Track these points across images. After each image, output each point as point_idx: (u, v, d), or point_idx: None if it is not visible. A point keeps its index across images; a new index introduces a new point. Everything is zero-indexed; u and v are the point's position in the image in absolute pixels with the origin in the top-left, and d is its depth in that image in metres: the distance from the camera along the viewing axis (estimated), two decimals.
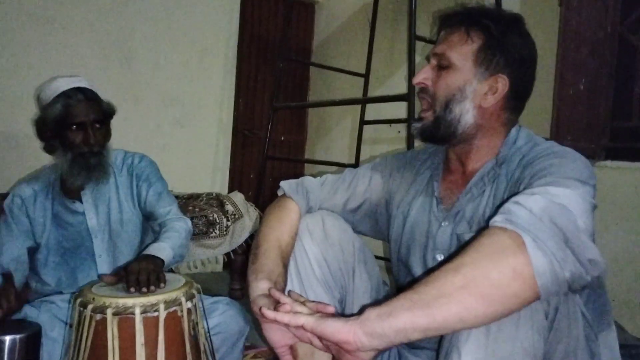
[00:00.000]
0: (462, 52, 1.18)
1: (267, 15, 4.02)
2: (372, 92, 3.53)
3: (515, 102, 1.23)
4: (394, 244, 1.37)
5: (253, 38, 3.92)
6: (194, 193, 2.78)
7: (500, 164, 1.19)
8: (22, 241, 1.71)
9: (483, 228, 0.96)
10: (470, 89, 1.18)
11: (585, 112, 2.70)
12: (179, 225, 1.71)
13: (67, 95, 1.64)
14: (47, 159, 1.79)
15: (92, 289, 1.30)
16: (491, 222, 0.93)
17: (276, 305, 1.06)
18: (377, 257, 1.59)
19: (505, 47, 1.18)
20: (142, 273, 1.33)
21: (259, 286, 1.18)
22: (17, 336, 1.37)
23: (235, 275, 2.57)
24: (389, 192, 1.39)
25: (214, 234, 2.45)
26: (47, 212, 1.74)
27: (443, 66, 1.20)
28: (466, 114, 1.19)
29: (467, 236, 1.18)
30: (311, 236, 1.29)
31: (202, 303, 1.34)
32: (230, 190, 3.50)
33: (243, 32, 3.76)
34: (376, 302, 0.97)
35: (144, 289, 1.28)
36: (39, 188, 1.75)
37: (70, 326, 1.32)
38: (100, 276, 1.48)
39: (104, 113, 1.71)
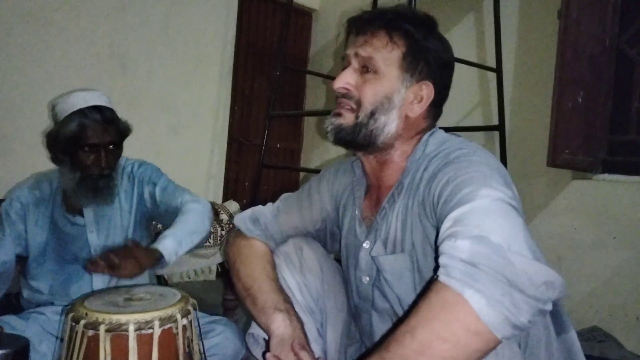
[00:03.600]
0: (388, 58, 1.12)
1: (264, 23, 4.00)
2: None
3: (436, 109, 1.19)
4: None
5: (250, 46, 3.90)
6: None
7: (405, 177, 1.15)
8: (12, 246, 1.67)
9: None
10: (399, 98, 1.13)
11: (583, 126, 2.69)
12: (189, 208, 1.67)
13: (83, 113, 1.59)
14: (42, 166, 1.75)
15: (85, 303, 1.25)
16: (436, 274, 0.89)
17: None
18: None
19: (428, 52, 1.13)
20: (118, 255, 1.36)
21: (275, 321, 1.16)
22: (3, 351, 1.31)
23: (229, 284, 2.52)
24: (335, 201, 1.35)
25: (208, 244, 2.42)
26: (47, 220, 1.70)
27: (367, 71, 1.13)
28: (391, 123, 1.13)
29: (380, 259, 1.15)
30: (287, 267, 1.27)
31: (199, 321, 1.31)
32: (225, 198, 3.47)
33: (240, 40, 3.73)
34: None
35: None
36: (40, 195, 1.71)
37: (61, 340, 1.28)
38: (85, 267, 1.45)
39: (120, 134, 1.66)
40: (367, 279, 1.22)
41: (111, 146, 1.63)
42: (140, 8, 3.11)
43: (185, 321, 1.23)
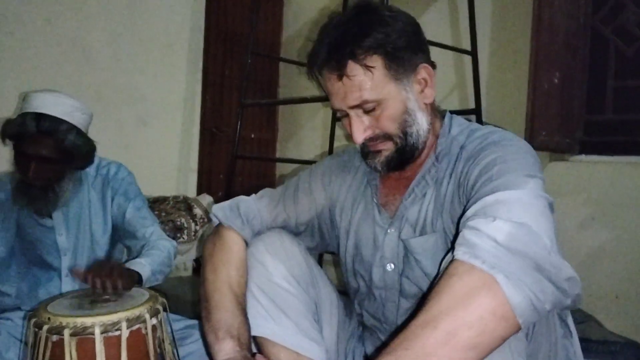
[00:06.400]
0: (376, 84, 1.06)
1: (233, 9, 3.91)
2: None
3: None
4: (342, 256, 1.31)
5: (220, 32, 3.82)
6: (160, 196, 2.68)
7: (441, 159, 1.13)
8: None
9: (451, 251, 0.91)
10: (412, 101, 1.10)
11: (559, 106, 2.69)
12: (162, 245, 1.63)
13: (25, 119, 1.50)
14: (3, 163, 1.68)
15: (48, 307, 1.20)
16: (455, 253, 0.87)
17: None
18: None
19: (401, 43, 1.07)
20: (105, 269, 1.29)
21: (223, 349, 1.11)
22: None
23: None
24: (331, 200, 1.31)
25: (182, 239, 2.37)
26: (12, 221, 1.63)
27: (371, 109, 1.08)
28: (422, 124, 1.12)
29: (412, 241, 1.13)
30: (272, 255, 1.21)
31: (171, 323, 1.26)
32: (199, 191, 3.40)
33: (209, 26, 3.64)
34: None
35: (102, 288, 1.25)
36: (5, 196, 1.62)
37: (26, 344, 1.23)
38: (70, 270, 1.42)
39: (63, 152, 1.53)
40: (392, 266, 1.19)
41: (46, 162, 1.52)
42: None
43: (154, 321, 1.20)
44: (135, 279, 1.43)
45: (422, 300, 0.88)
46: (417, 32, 1.12)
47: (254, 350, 1.18)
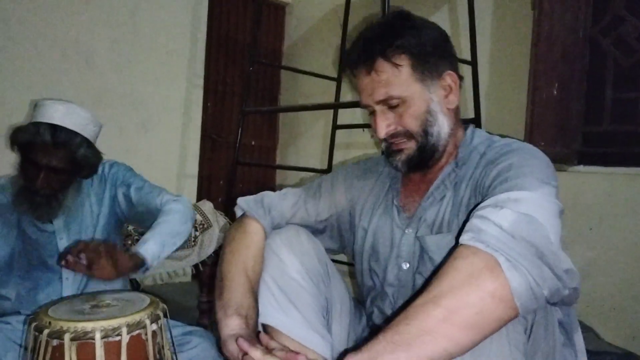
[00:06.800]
0: (402, 82, 1.13)
1: (235, 17, 3.94)
2: (345, 96, 3.49)
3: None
4: (358, 256, 1.35)
5: (221, 40, 3.83)
6: None
7: (461, 165, 1.18)
8: None
9: (456, 243, 0.95)
10: (435, 103, 1.15)
11: (557, 117, 2.70)
12: (169, 208, 1.62)
13: (36, 128, 1.51)
14: (8, 168, 1.68)
15: (49, 311, 1.20)
16: (461, 239, 0.92)
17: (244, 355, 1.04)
18: (337, 262, 1.56)
19: (430, 48, 1.14)
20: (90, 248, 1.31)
21: (230, 324, 1.13)
22: None
23: (204, 287, 2.48)
24: (351, 202, 1.36)
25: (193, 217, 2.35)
26: (13, 225, 1.63)
27: (395, 105, 1.15)
28: (443, 127, 1.17)
29: (427, 239, 1.17)
30: (288, 249, 1.23)
31: (171, 329, 1.26)
32: (199, 197, 3.41)
33: (211, 34, 3.67)
34: (356, 347, 0.93)
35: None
36: (6, 200, 1.63)
37: (26, 349, 1.22)
38: (59, 259, 1.41)
39: (73, 163, 1.56)
40: (407, 265, 1.22)
41: (54, 172, 1.54)
42: (106, 1, 3.04)
43: (154, 327, 1.19)
44: (137, 261, 1.44)
45: (428, 282, 0.91)
46: (446, 42, 1.19)
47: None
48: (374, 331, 1.34)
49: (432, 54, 1.14)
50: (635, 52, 2.63)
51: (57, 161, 1.53)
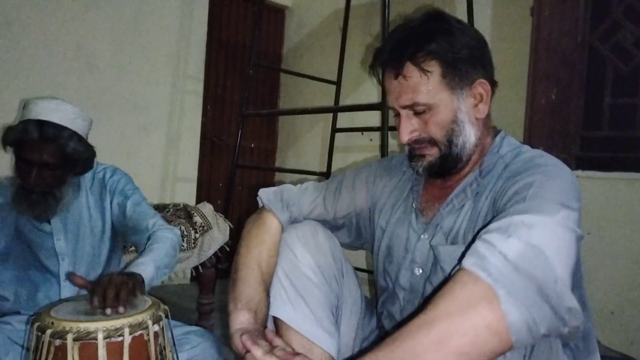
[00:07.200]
0: (431, 89, 1.08)
1: (236, 20, 3.95)
2: (344, 100, 3.50)
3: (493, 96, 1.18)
4: (375, 255, 1.34)
5: (222, 43, 3.85)
6: (160, 204, 2.68)
7: (484, 175, 1.14)
8: None
9: (461, 257, 0.92)
10: (463, 113, 1.11)
11: (556, 122, 2.72)
12: (164, 236, 1.60)
13: (27, 125, 1.51)
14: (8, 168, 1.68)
15: (51, 312, 1.20)
16: (463, 262, 0.88)
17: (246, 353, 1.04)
18: (357, 269, 1.55)
19: (462, 55, 1.08)
20: (111, 287, 1.22)
21: (238, 318, 1.14)
22: None
23: (204, 289, 2.48)
24: (372, 200, 1.34)
25: (182, 247, 2.35)
26: (11, 226, 1.62)
27: (421, 111, 1.10)
28: (469, 137, 1.12)
29: (441, 249, 1.14)
30: (303, 245, 1.23)
31: (172, 329, 1.26)
32: (199, 200, 3.41)
33: (211, 37, 3.68)
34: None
35: (108, 309, 1.17)
36: (4, 200, 1.63)
37: (28, 350, 1.22)
38: (68, 275, 1.39)
39: (64, 158, 1.55)
40: (420, 270, 1.20)
41: (48, 168, 1.54)
42: (108, 5, 3.05)
43: (156, 327, 1.19)
44: (140, 281, 1.41)
45: (425, 303, 0.90)
46: (482, 49, 1.13)
47: (270, 327, 1.21)
48: (380, 337, 1.34)
49: (465, 61, 1.08)
50: (633, 59, 2.65)
51: (47, 156, 1.52)
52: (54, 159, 1.53)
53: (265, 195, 1.35)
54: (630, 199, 2.49)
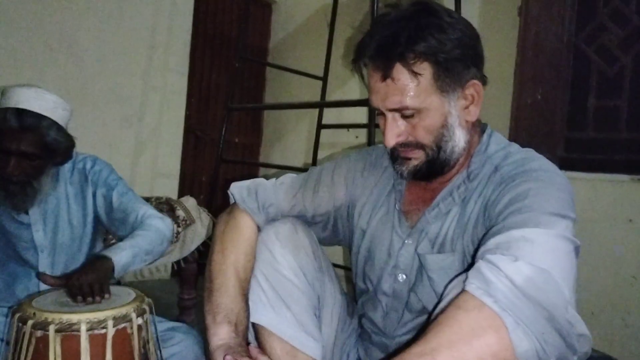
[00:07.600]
0: (420, 92, 1.00)
1: (222, 13, 3.91)
2: (330, 95, 3.48)
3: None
4: (354, 256, 1.28)
5: (207, 35, 3.80)
6: (142, 197, 2.64)
7: (472, 178, 1.09)
8: None
9: (464, 271, 0.88)
10: (453, 118, 1.04)
11: (542, 122, 2.74)
12: (151, 224, 1.57)
13: (5, 114, 1.46)
14: None
15: (33, 302, 1.18)
16: (467, 284, 0.83)
17: None
18: (335, 266, 1.52)
19: (455, 54, 1.00)
20: (84, 286, 1.23)
21: (218, 333, 1.09)
22: None
23: (186, 284, 2.45)
24: (351, 198, 1.27)
25: (173, 236, 2.32)
26: None
27: (409, 115, 1.03)
28: (459, 141, 1.06)
29: (428, 257, 1.10)
30: (282, 245, 1.17)
31: (156, 326, 1.24)
32: (181, 194, 3.38)
33: (197, 29, 3.63)
34: None
35: (89, 299, 1.20)
36: None
37: (7, 343, 1.19)
38: (38, 275, 1.36)
39: (44, 148, 1.51)
40: (404, 277, 1.15)
41: (27, 158, 1.49)
42: None
43: (140, 321, 1.17)
44: (109, 267, 1.39)
45: (425, 325, 0.86)
46: (475, 45, 1.06)
47: (251, 338, 1.16)
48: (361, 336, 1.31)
49: (458, 61, 1.01)
50: (618, 61, 2.68)
51: (26, 146, 1.48)
52: (33, 149, 1.49)
53: (238, 192, 1.27)
54: (613, 200, 2.51)
